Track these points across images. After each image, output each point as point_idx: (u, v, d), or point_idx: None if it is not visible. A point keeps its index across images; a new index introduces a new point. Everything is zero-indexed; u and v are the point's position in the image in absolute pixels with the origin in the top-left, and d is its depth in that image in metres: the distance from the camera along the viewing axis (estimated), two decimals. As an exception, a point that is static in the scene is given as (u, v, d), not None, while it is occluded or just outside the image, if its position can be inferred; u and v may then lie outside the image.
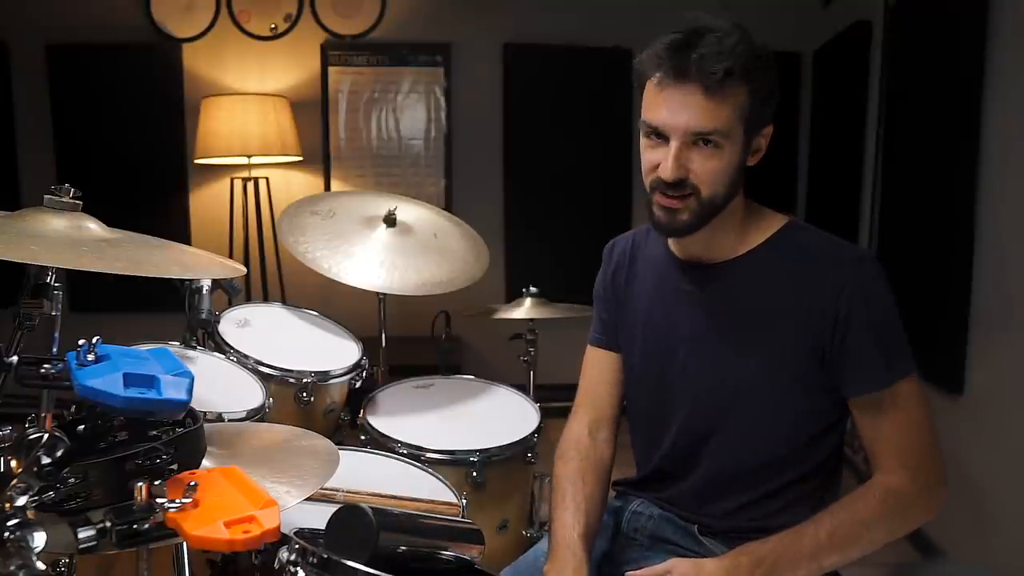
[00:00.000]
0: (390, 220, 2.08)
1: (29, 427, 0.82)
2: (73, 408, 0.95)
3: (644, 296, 1.36)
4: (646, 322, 1.34)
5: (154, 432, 0.93)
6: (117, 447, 0.91)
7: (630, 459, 1.44)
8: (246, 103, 3.80)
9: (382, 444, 1.77)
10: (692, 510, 1.31)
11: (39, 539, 0.73)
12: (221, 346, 1.88)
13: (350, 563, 1.00)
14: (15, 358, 0.91)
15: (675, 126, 1.13)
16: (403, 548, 1.08)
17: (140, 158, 4.13)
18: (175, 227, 4.07)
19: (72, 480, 0.79)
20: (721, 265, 1.25)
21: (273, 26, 4.15)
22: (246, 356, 1.85)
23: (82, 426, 0.92)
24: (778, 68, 1.18)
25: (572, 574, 1.19)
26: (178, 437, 0.86)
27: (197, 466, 0.94)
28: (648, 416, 1.37)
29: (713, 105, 1.11)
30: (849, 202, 3.53)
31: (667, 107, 1.13)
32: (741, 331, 1.23)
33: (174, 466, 0.85)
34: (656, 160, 1.16)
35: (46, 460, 0.78)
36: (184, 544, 1.16)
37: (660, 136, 1.16)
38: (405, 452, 1.72)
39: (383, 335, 2.28)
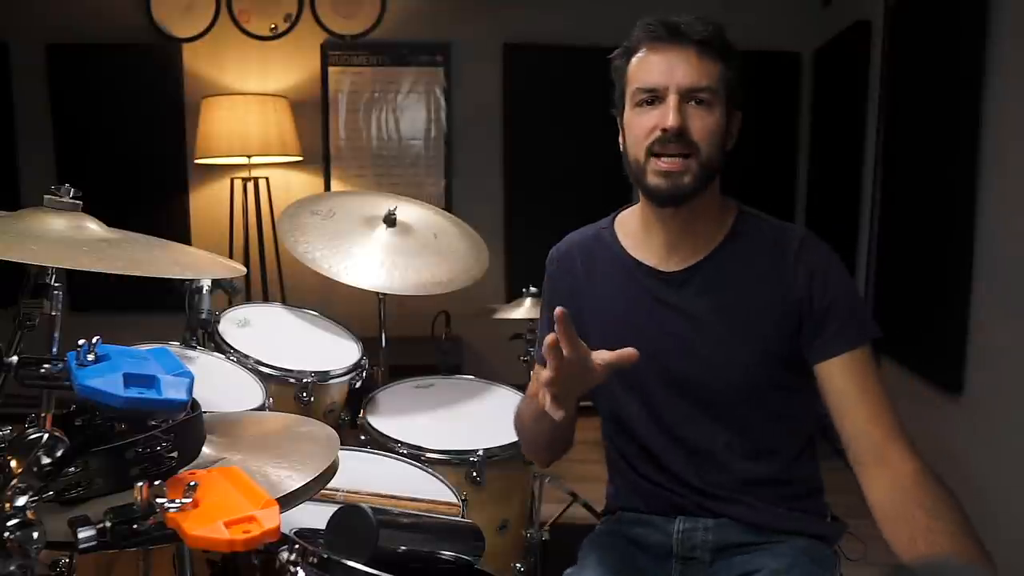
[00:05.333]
0: (390, 220, 2.08)
1: (29, 427, 0.82)
2: (73, 408, 0.95)
3: (612, 311, 1.31)
4: (619, 337, 1.21)
5: (153, 422, 0.92)
6: (116, 437, 0.91)
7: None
8: (246, 103, 3.80)
9: (382, 444, 1.77)
10: (731, 508, 1.28)
11: (39, 539, 0.73)
12: (221, 346, 1.88)
13: (350, 563, 1.00)
14: (15, 358, 0.91)
15: (672, 83, 1.17)
16: (403, 548, 1.08)
17: (140, 158, 4.13)
18: (175, 227, 4.07)
19: (73, 469, 0.80)
20: (694, 268, 1.27)
21: (273, 26, 4.15)
22: (246, 356, 1.86)
23: (79, 420, 0.92)
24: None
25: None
26: (177, 425, 0.86)
27: (197, 454, 0.95)
28: (646, 430, 1.31)
29: (704, 64, 1.18)
30: (849, 202, 3.53)
31: (661, 67, 1.18)
32: (730, 329, 1.25)
33: (174, 454, 0.85)
34: (650, 122, 1.19)
35: (46, 460, 0.78)
36: (184, 544, 1.16)
37: (653, 98, 1.19)
38: (405, 452, 1.72)
39: (383, 335, 2.28)
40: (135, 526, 0.77)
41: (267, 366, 1.85)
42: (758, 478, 1.28)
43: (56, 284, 1.04)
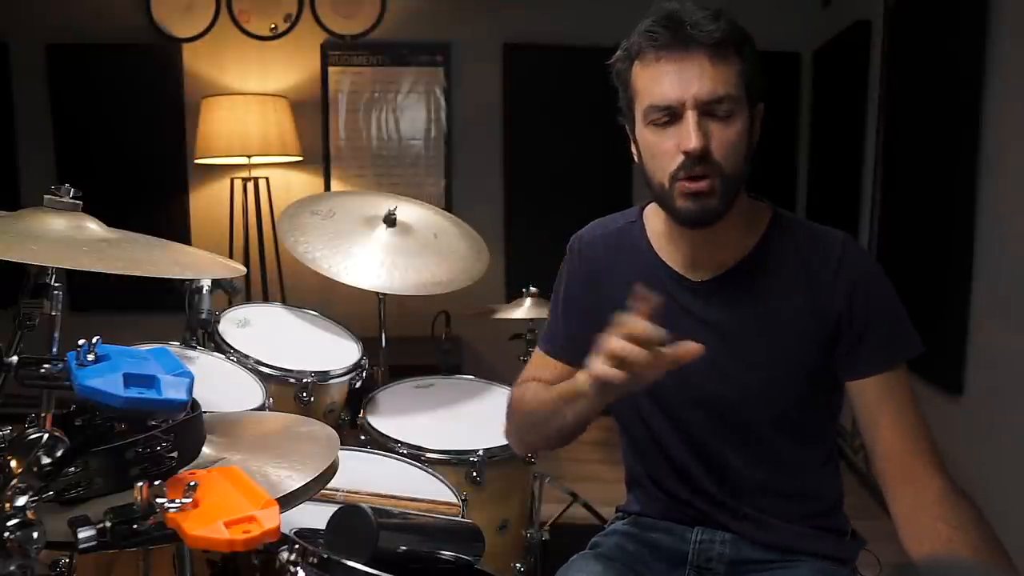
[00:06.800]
0: (390, 220, 2.08)
1: (29, 427, 0.82)
2: (73, 408, 0.95)
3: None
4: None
5: (153, 422, 0.93)
6: (116, 436, 0.91)
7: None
8: (246, 103, 3.81)
9: (382, 444, 1.77)
10: (745, 523, 1.26)
11: (39, 539, 0.73)
12: (221, 346, 1.88)
13: (350, 563, 1.00)
14: (15, 358, 0.91)
15: (688, 96, 1.07)
16: (403, 548, 1.08)
17: (140, 158, 4.13)
18: (175, 227, 4.07)
19: (72, 469, 0.80)
20: (722, 278, 1.20)
21: (273, 26, 4.15)
22: (246, 356, 1.86)
23: (79, 420, 0.92)
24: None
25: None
26: (177, 425, 0.86)
27: (197, 454, 0.94)
28: (668, 443, 1.28)
29: (719, 71, 1.07)
30: (849, 202, 3.53)
31: (673, 80, 1.08)
32: (759, 345, 1.19)
33: (174, 454, 0.85)
34: (670, 144, 1.10)
35: (46, 460, 0.78)
36: (184, 544, 1.16)
37: (670, 116, 1.10)
38: (405, 452, 1.72)
39: (383, 335, 2.28)
40: (135, 526, 0.77)
41: (267, 366, 1.85)
42: (780, 493, 1.24)
43: (56, 284, 1.04)
